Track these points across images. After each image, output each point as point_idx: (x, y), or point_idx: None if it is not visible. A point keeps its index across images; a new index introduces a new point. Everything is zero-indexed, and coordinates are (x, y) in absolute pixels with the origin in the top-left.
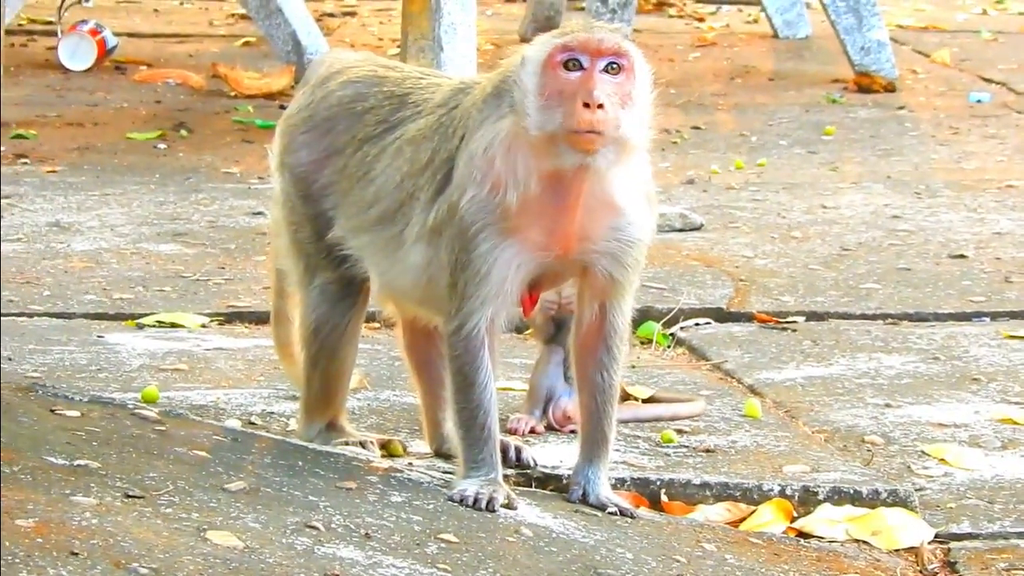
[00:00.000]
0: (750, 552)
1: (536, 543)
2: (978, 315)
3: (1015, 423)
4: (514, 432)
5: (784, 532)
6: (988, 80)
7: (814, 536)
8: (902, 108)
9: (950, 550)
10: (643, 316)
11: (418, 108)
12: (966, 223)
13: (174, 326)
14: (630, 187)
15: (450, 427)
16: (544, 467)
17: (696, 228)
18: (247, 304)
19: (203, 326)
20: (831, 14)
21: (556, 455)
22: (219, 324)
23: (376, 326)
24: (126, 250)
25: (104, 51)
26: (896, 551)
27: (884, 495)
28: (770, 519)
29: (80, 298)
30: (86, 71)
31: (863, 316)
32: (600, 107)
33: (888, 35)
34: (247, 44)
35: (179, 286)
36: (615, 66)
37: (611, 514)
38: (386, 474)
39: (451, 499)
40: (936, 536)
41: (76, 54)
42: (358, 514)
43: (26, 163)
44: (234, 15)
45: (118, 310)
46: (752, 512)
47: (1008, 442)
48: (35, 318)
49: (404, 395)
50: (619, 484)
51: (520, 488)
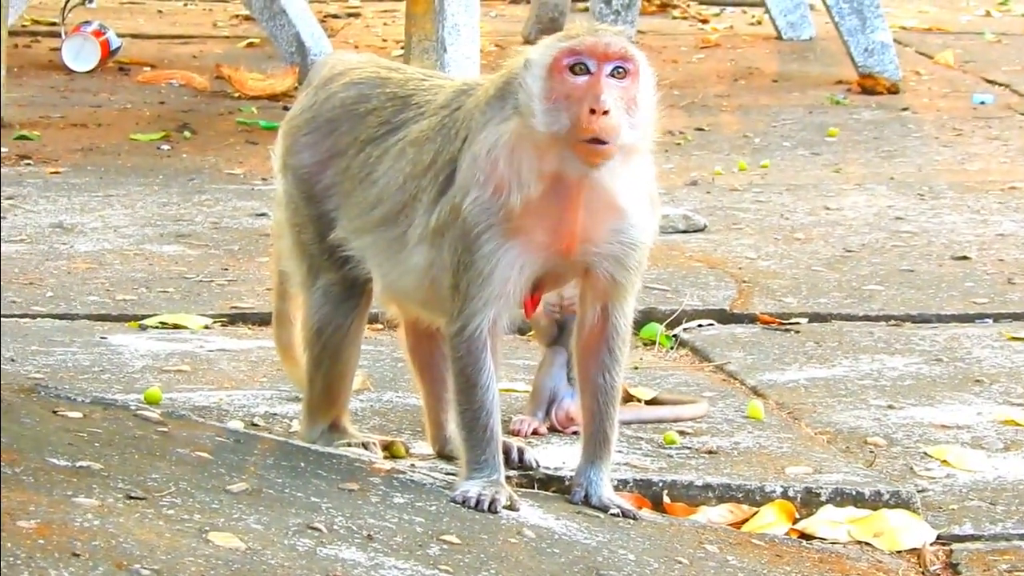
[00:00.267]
0: (752, 553)
1: (538, 544)
2: (981, 317)
3: (1017, 424)
4: (517, 433)
5: (786, 533)
6: (991, 82)
7: (816, 537)
8: (905, 110)
9: (952, 551)
10: (646, 317)
11: (421, 109)
12: (969, 225)
13: (177, 327)
14: (633, 189)
15: (453, 428)
16: (546, 468)
17: (699, 229)
18: (250, 305)
19: (206, 327)
20: (835, 16)
21: (559, 456)
22: (222, 325)
23: (379, 327)
24: (129, 251)
25: (108, 52)
26: (898, 552)
27: (886, 496)
28: (772, 520)
29: (83, 299)
30: (90, 72)
31: (866, 317)
32: (606, 113)
33: (892, 37)
34: (251, 45)
35: (182, 287)
36: (621, 70)
37: (613, 515)
38: (388, 475)
39: (453, 500)
40: (938, 537)
41: (80, 55)
42: (360, 515)
43: (29, 164)
44: (238, 16)
45: (121, 311)
46: (754, 513)
47: (1010, 443)
48: (38, 319)
49: (407, 396)
50: (622, 485)
51: (522, 489)
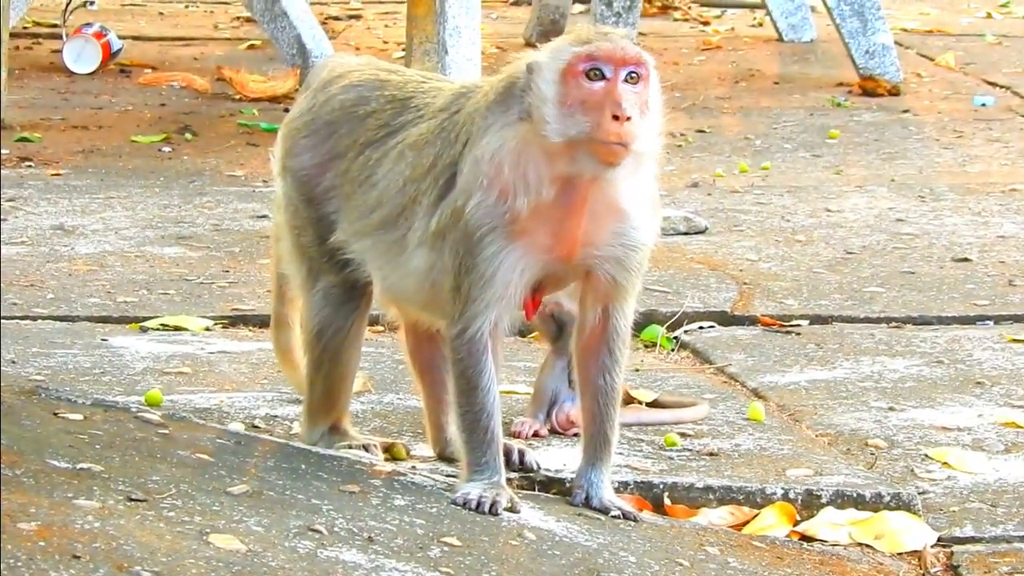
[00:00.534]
0: (753, 555)
1: (539, 546)
2: (982, 319)
3: (1018, 427)
4: (517, 435)
5: (787, 536)
6: (992, 84)
7: (817, 540)
8: (906, 112)
9: (953, 554)
10: (647, 319)
11: (420, 112)
12: (970, 227)
13: (178, 329)
14: (637, 192)
15: (453, 430)
16: (547, 470)
17: (700, 231)
18: (251, 307)
19: (207, 329)
20: (836, 18)
21: (560, 458)
22: (223, 327)
23: (380, 329)
24: (130, 253)
25: (109, 54)
26: (899, 555)
27: (887, 498)
28: (773, 522)
29: (84, 301)
30: (91, 74)
31: (867, 319)
32: (628, 119)
33: (892, 39)
34: (252, 47)
35: (183, 289)
36: (634, 75)
37: (614, 518)
38: (389, 477)
39: (454, 502)
40: (939, 540)
41: (81, 57)
42: (361, 517)
43: (30, 166)
44: (239, 18)
45: (122, 313)
46: (755, 516)
47: (1011, 445)
48: (39, 321)
49: (407, 398)
50: (622, 487)
51: (523, 491)
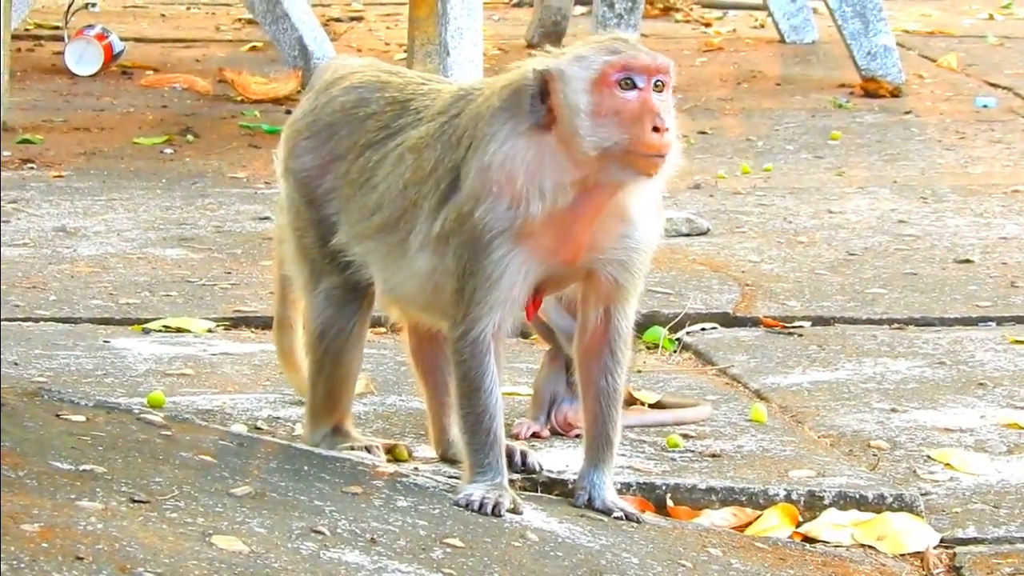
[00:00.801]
0: (755, 557)
1: (542, 548)
2: (984, 320)
3: (1021, 428)
4: (517, 437)
5: (790, 537)
6: (994, 85)
7: (820, 541)
8: (908, 113)
9: (955, 555)
10: (649, 321)
11: (419, 115)
12: (972, 228)
13: (180, 331)
14: (646, 196)
15: (456, 432)
16: (550, 472)
17: (702, 233)
18: (253, 309)
19: (209, 331)
20: (838, 19)
21: (562, 460)
22: (225, 329)
23: (382, 331)
24: (132, 255)
25: (111, 56)
26: (902, 556)
27: (890, 500)
28: (776, 524)
29: (86, 303)
30: (93, 76)
31: (869, 321)
32: (667, 130)
33: (894, 40)
34: (254, 49)
35: (185, 291)
36: (661, 83)
37: (617, 519)
38: (392, 479)
39: (457, 504)
40: (942, 541)
41: (83, 59)
42: (364, 519)
43: (32, 168)
44: (241, 20)
45: (124, 315)
46: (758, 517)
47: (1014, 447)
48: (41, 323)
49: (410, 400)
50: (625, 489)
51: (526, 493)
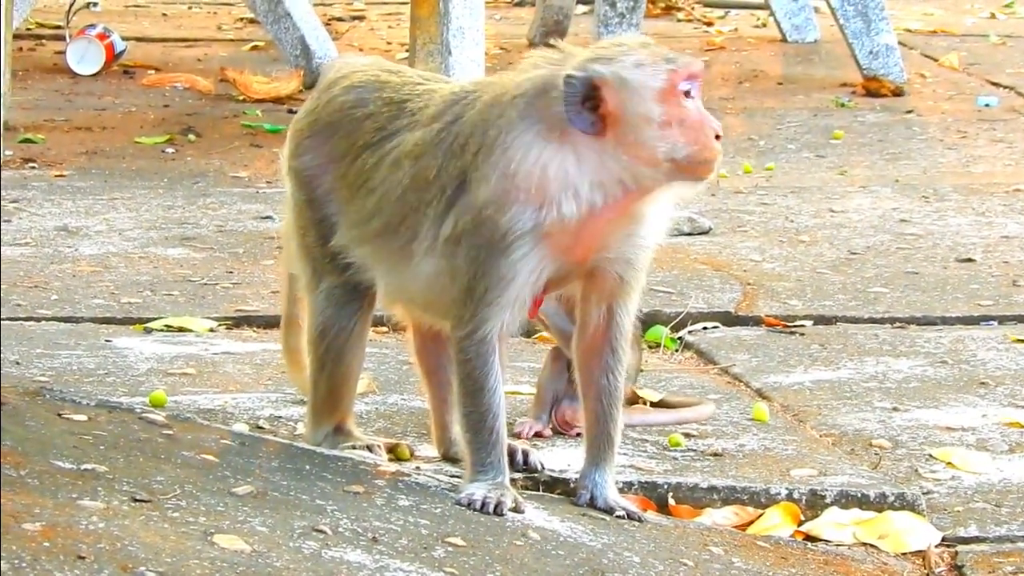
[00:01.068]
0: (757, 556)
1: (543, 547)
2: (986, 319)
3: (1022, 427)
4: (519, 436)
5: (791, 536)
6: (996, 84)
7: (821, 540)
8: (910, 112)
9: (957, 553)
10: (651, 320)
11: (413, 117)
12: (974, 227)
13: (182, 330)
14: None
15: (457, 431)
16: (551, 471)
17: (704, 232)
18: (255, 308)
19: (211, 330)
20: (839, 18)
21: (564, 459)
22: (227, 328)
23: (384, 330)
24: (134, 254)
25: (112, 55)
26: (903, 555)
27: (891, 499)
28: (777, 523)
29: (88, 302)
30: (94, 75)
31: (871, 320)
32: (720, 136)
33: (896, 39)
34: (255, 48)
35: (187, 290)
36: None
37: (619, 518)
38: (393, 478)
39: (459, 503)
40: (943, 539)
41: (84, 58)
42: (365, 518)
43: (34, 167)
44: (243, 19)
45: (126, 314)
46: (759, 516)
47: (1015, 446)
48: (43, 322)
49: (412, 399)
50: (627, 488)
51: (527, 492)
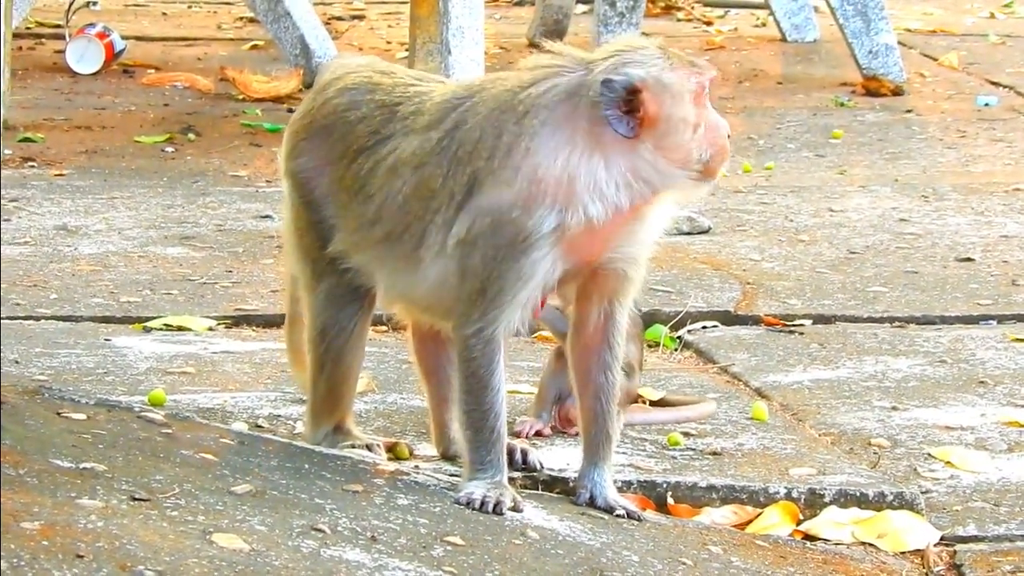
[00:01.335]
0: (756, 554)
1: (542, 545)
2: (985, 318)
3: (1021, 426)
4: (519, 435)
5: (790, 535)
6: (996, 84)
7: (820, 539)
8: (910, 112)
9: (956, 552)
10: (650, 319)
11: (406, 122)
12: (973, 226)
13: (181, 329)
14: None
15: (457, 429)
16: (551, 470)
17: (704, 231)
18: (254, 307)
19: (210, 329)
20: (839, 18)
21: (563, 458)
22: (226, 327)
23: (383, 329)
24: (133, 253)
25: (112, 54)
26: (902, 553)
27: (890, 498)
28: (776, 521)
29: (87, 301)
30: (94, 74)
31: (870, 319)
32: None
33: (896, 39)
34: (255, 47)
35: (186, 289)
36: None
37: (618, 517)
38: (392, 477)
39: (458, 502)
40: (942, 538)
41: (84, 57)
42: (364, 517)
43: (33, 166)
44: (242, 19)
45: (125, 313)
46: (758, 515)
47: (1014, 445)
48: (42, 321)
49: (411, 398)
50: (626, 487)
51: (526, 491)
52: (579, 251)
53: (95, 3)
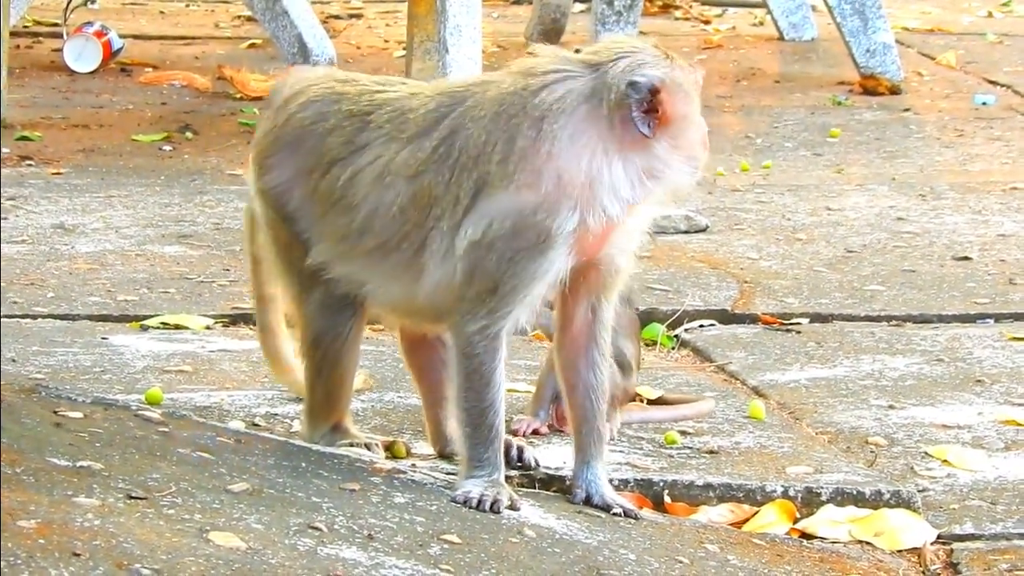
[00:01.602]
0: (753, 553)
1: (539, 544)
2: (982, 317)
3: (1018, 424)
4: (516, 433)
5: (787, 533)
6: (993, 82)
7: (817, 537)
8: (907, 110)
9: (953, 551)
10: (648, 318)
11: (382, 129)
12: (971, 225)
13: (178, 328)
14: None
15: (454, 426)
16: (547, 468)
17: (701, 230)
18: (251, 306)
19: (207, 328)
20: (837, 16)
21: (559, 456)
22: (223, 326)
23: (380, 327)
24: (131, 252)
25: (110, 53)
26: (899, 552)
27: (887, 496)
28: (773, 520)
29: (84, 300)
30: (91, 73)
31: (867, 318)
32: None
33: (893, 37)
34: (253, 46)
35: (183, 288)
36: None
37: (615, 515)
38: (389, 475)
39: (455, 500)
40: (939, 537)
41: (82, 56)
42: (361, 515)
43: (31, 165)
44: (240, 17)
45: (122, 312)
46: (755, 513)
47: (1011, 443)
48: (39, 320)
49: (408, 396)
50: (623, 485)
51: (523, 489)
52: (587, 248)
53: (93, 1)
